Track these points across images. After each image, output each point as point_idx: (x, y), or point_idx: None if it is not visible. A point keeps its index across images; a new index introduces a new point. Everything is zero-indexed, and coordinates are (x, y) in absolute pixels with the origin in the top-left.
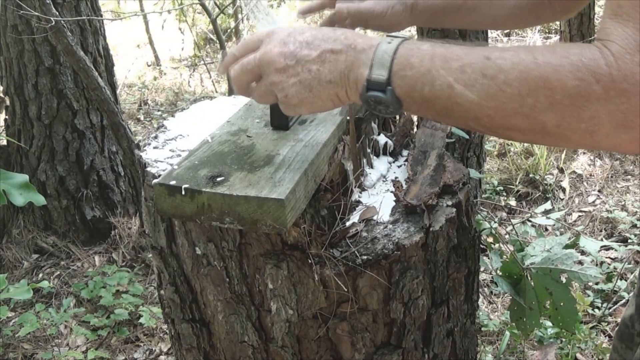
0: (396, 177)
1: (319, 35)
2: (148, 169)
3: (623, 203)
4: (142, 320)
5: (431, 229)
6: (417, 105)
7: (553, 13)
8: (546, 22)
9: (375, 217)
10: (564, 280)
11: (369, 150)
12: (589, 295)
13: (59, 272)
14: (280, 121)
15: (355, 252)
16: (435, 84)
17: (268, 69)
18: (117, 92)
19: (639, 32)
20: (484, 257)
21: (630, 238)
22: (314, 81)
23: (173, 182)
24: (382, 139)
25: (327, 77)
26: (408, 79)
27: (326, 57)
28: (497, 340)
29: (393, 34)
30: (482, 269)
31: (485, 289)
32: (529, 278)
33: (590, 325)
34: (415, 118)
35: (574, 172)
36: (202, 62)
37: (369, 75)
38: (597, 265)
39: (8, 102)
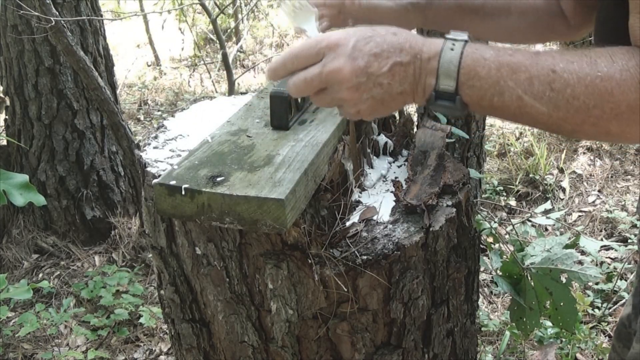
0: (396, 177)
1: (385, 45)
2: (148, 169)
3: (623, 203)
4: (142, 320)
5: (431, 229)
6: (485, 111)
7: (567, 27)
8: (561, 39)
9: (375, 217)
10: (564, 280)
11: (369, 150)
12: (589, 295)
13: (59, 272)
14: (280, 121)
15: (355, 252)
16: (505, 95)
17: (338, 87)
18: (117, 92)
19: None
20: (484, 257)
21: (630, 238)
22: (385, 95)
23: (173, 182)
24: (382, 139)
25: (398, 89)
26: (476, 89)
27: (396, 71)
28: (497, 340)
29: (451, 35)
30: (482, 269)
31: (485, 289)
32: (529, 278)
33: (590, 325)
34: (415, 118)
35: (574, 172)
36: (202, 62)
37: (437, 86)
38: (597, 265)
39: (8, 102)
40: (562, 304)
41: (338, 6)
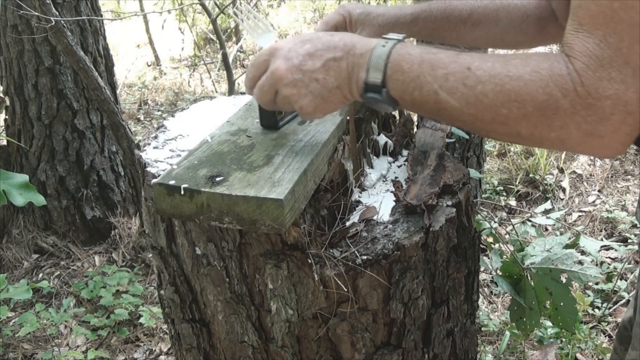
0: (396, 177)
1: (319, 44)
2: (148, 169)
3: (623, 203)
4: (142, 320)
5: (431, 229)
6: (410, 106)
7: (559, 29)
8: (553, 42)
9: (375, 217)
10: (564, 280)
11: (369, 150)
12: (589, 295)
13: (59, 272)
14: (269, 121)
15: (355, 252)
16: (423, 89)
17: (279, 85)
18: (117, 92)
19: (599, 48)
20: (484, 257)
21: (630, 238)
22: (322, 89)
23: (172, 182)
24: (382, 139)
25: (333, 84)
26: (400, 82)
27: (330, 66)
28: (497, 340)
29: (388, 35)
30: (482, 269)
31: (485, 289)
32: (529, 278)
33: (590, 325)
34: (415, 118)
35: (574, 172)
36: (202, 62)
37: (366, 78)
38: (597, 265)
39: (8, 102)
40: (562, 304)
41: (334, 26)
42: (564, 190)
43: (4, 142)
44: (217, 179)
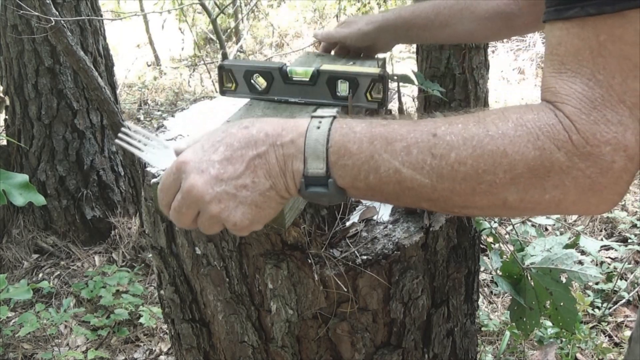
0: None
1: (236, 144)
2: (148, 169)
3: (623, 203)
4: (142, 320)
5: (431, 229)
6: (363, 193)
7: (524, 23)
8: (520, 34)
9: (375, 217)
10: (564, 280)
11: None
12: (589, 295)
13: (59, 272)
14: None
15: (355, 252)
16: (381, 170)
17: (201, 205)
18: (117, 92)
19: (588, 88)
20: (484, 257)
21: (630, 238)
22: (255, 196)
23: None
24: None
25: (265, 184)
26: (349, 168)
27: (256, 165)
28: (497, 340)
29: (319, 112)
30: (482, 269)
31: (485, 289)
32: (529, 278)
33: (590, 325)
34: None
35: None
36: (202, 62)
37: (305, 170)
38: (597, 265)
39: (8, 102)
40: (562, 304)
41: (328, 45)
42: None
43: (4, 142)
44: None
